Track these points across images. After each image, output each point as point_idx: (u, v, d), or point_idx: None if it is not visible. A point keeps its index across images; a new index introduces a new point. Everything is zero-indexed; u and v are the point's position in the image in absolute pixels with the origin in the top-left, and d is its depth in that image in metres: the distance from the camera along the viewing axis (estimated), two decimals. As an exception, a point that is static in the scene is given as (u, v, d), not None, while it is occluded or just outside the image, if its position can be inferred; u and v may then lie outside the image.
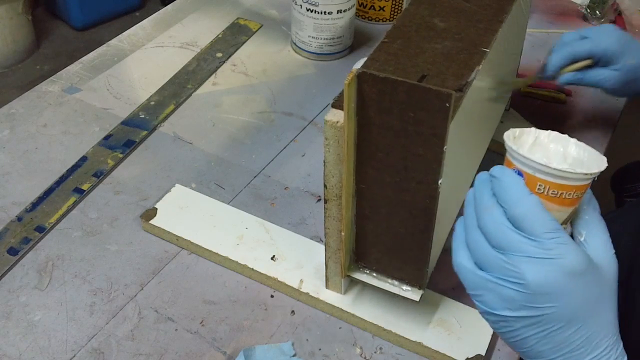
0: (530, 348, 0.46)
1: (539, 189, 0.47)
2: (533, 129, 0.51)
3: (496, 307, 0.45)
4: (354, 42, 1.07)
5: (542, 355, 0.46)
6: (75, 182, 0.81)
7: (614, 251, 0.48)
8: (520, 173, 0.47)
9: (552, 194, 0.47)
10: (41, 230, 0.75)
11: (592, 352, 0.46)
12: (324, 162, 0.57)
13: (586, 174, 0.46)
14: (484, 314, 0.47)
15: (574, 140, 0.51)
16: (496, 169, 0.47)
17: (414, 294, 0.62)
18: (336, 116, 0.54)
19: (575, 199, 0.48)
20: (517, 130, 0.50)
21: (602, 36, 0.80)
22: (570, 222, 0.50)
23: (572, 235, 0.49)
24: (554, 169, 0.46)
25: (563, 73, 0.80)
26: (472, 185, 0.50)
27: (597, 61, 0.80)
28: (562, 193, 0.47)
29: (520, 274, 0.44)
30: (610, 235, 0.50)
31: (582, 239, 0.48)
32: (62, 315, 0.67)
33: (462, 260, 0.47)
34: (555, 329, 0.45)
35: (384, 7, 1.12)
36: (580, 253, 0.45)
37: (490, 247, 0.46)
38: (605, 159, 0.48)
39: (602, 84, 0.81)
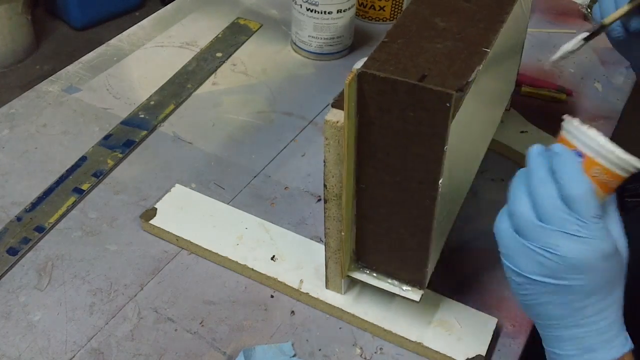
0: (543, 310, 0.52)
1: (594, 172, 0.48)
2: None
3: (527, 270, 0.50)
4: (354, 41, 1.07)
5: (553, 318, 0.52)
6: (75, 182, 0.81)
7: (626, 239, 0.53)
8: (579, 154, 0.49)
9: (603, 179, 0.48)
10: (41, 230, 0.75)
11: (598, 322, 0.51)
12: (324, 162, 0.57)
13: (638, 167, 0.49)
14: (511, 274, 0.52)
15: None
16: (558, 146, 0.50)
17: (414, 294, 0.62)
18: (336, 116, 0.54)
19: (614, 188, 0.50)
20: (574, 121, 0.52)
21: None
22: None
23: None
24: (618, 156, 0.47)
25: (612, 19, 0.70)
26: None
27: None
28: (611, 181, 0.49)
29: (560, 247, 0.48)
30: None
31: None
32: (62, 316, 0.67)
33: (502, 225, 0.52)
34: (576, 299, 0.50)
35: (384, 7, 1.12)
36: (611, 238, 0.50)
37: (534, 218, 0.49)
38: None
39: None
